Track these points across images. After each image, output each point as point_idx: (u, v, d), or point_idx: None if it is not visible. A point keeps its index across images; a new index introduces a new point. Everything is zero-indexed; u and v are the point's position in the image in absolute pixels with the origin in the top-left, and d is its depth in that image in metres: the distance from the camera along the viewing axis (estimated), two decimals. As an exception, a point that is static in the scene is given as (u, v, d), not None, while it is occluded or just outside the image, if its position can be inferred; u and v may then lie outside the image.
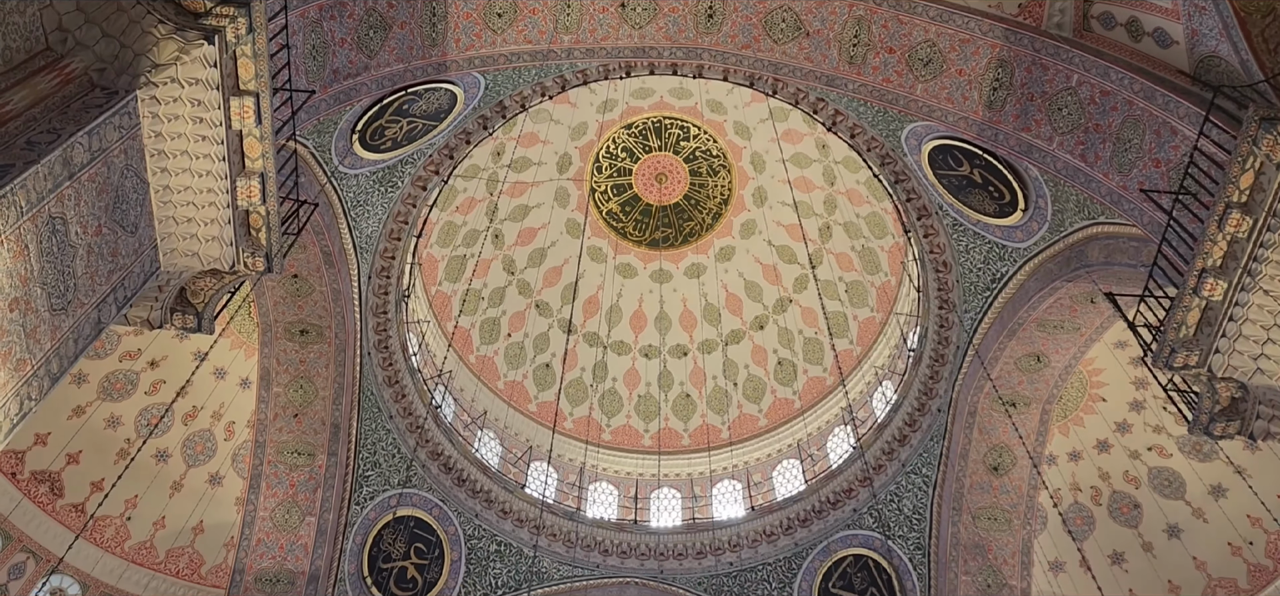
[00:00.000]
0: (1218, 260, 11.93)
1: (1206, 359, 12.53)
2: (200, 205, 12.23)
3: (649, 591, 24.02)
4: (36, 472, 20.58)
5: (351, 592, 21.57)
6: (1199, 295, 12.13)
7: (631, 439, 29.39)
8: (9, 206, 9.31)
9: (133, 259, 11.74)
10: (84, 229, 10.62)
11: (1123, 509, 22.61)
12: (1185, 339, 12.58)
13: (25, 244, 9.66)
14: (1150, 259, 14.01)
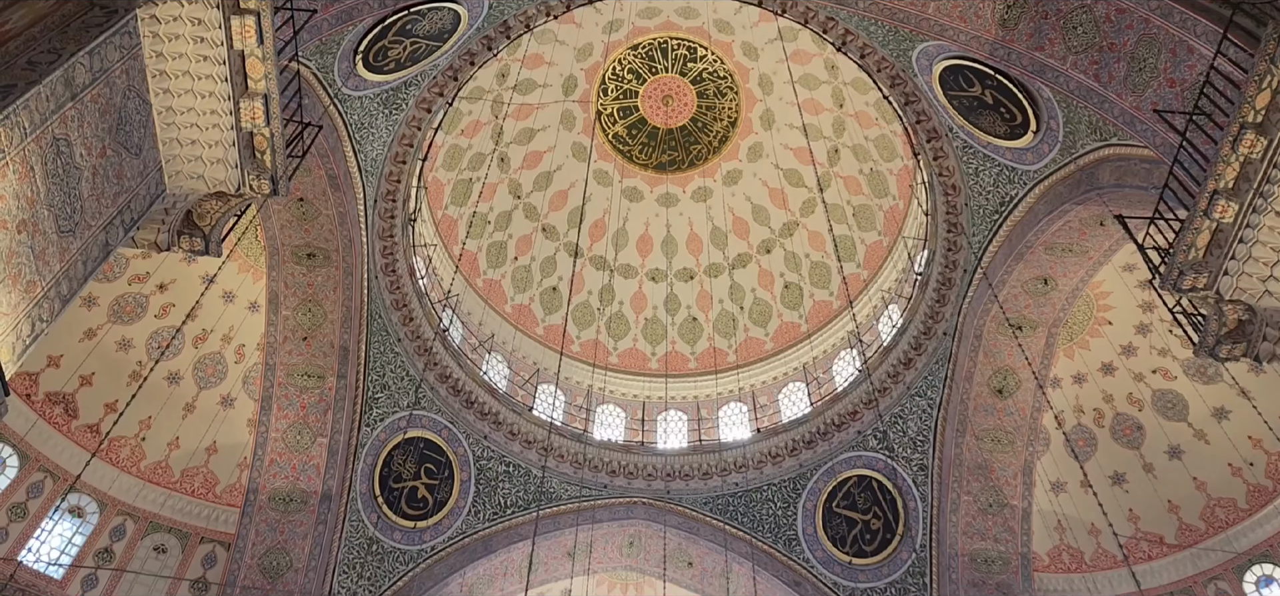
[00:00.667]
0: (1230, 182, 11.80)
1: (1215, 281, 12.48)
2: (204, 127, 12.15)
3: (656, 511, 24.42)
4: (51, 394, 20.87)
5: (364, 512, 21.98)
6: (1210, 217, 12.03)
7: (638, 362, 29.58)
8: (13, 127, 9.27)
9: (138, 181, 11.71)
10: (88, 150, 10.58)
11: (1125, 430, 22.79)
12: (1194, 261, 12.51)
13: (30, 165, 9.64)
14: (1162, 181, 13.86)
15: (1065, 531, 22.87)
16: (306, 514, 21.18)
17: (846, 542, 23.03)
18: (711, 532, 23.93)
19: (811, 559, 23.14)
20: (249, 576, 20.49)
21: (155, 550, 21.09)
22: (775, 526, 23.70)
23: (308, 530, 21.02)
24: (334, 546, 21.24)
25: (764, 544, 23.50)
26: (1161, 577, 21.74)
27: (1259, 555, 20.88)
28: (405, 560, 22.18)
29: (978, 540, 21.70)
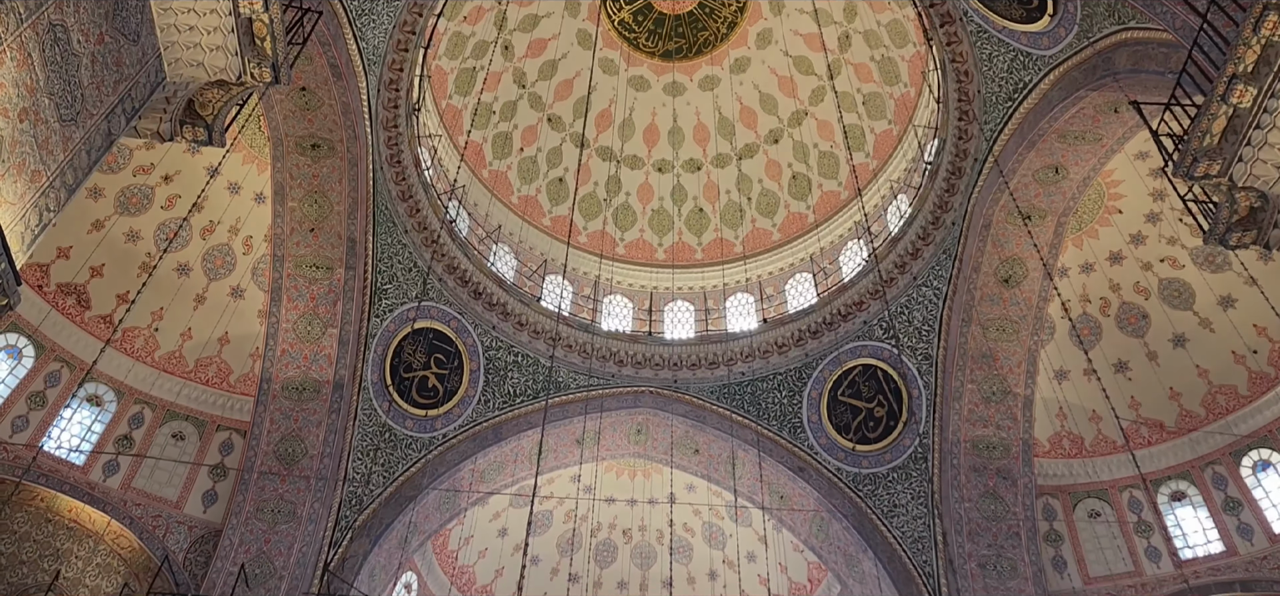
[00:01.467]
0: (1250, 65, 11.54)
1: (1228, 168, 12.34)
2: (201, 12, 11.92)
3: (663, 400, 24.79)
4: (62, 285, 21.03)
5: (376, 400, 22.35)
6: (1227, 102, 11.81)
7: (645, 253, 29.61)
8: (7, 13, 9.10)
9: (137, 69, 11.55)
10: (86, 37, 10.41)
11: (1130, 319, 22.87)
12: (1208, 148, 12.34)
13: (28, 52, 9.50)
14: (1179, 65, 13.57)
15: (1066, 418, 23.17)
16: (319, 402, 21.55)
17: (850, 430, 23.42)
18: (718, 421, 24.33)
19: (816, 446, 23.57)
20: (265, 462, 20.98)
21: (174, 437, 21.56)
22: (780, 414, 24.07)
23: (321, 418, 21.42)
24: (347, 434, 21.67)
25: (769, 431, 23.91)
26: (1160, 462, 22.11)
27: (1257, 440, 21.18)
28: (417, 447, 22.65)
29: (980, 427, 22.03)
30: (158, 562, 19.80)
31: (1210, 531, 21.20)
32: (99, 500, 20.01)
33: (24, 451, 19.27)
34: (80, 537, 20.27)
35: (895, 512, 22.38)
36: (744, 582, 28.39)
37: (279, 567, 19.84)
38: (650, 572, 29.97)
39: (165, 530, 20.32)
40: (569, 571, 29.34)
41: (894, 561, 21.88)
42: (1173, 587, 20.82)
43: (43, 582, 19.80)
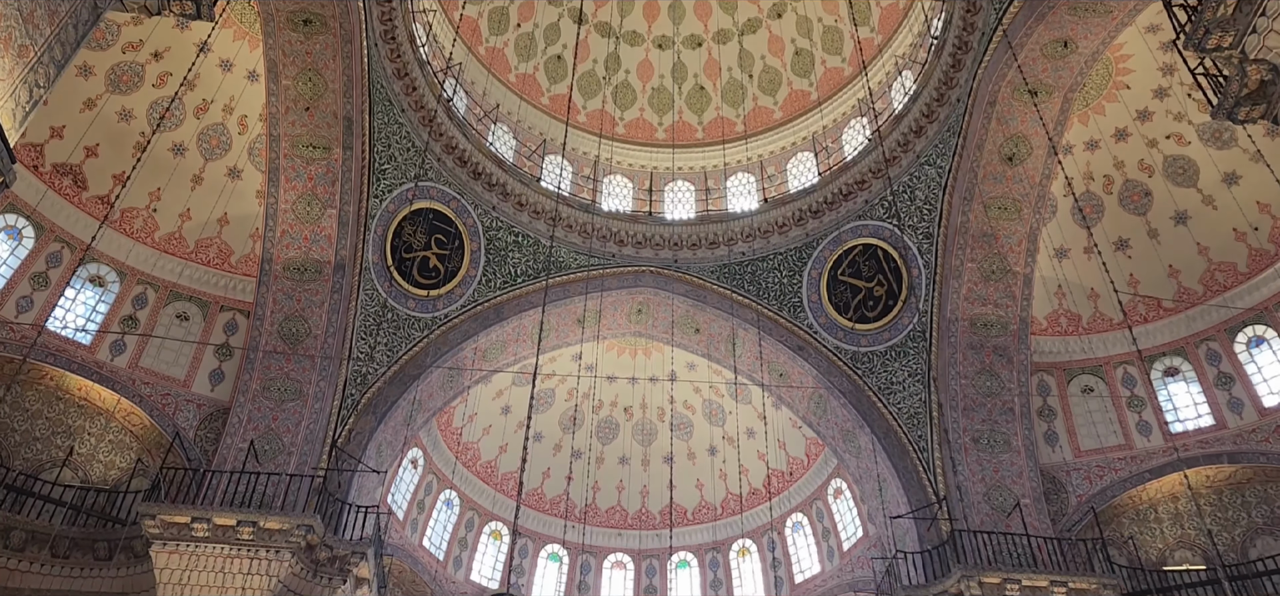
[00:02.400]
0: (1270, -70, 11.17)
1: (1241, 39, 12.08)
2: (184, -123, 11.48)
3: (663, 280, 24.87)
4: (57, 165, 20.87)
5: (377, 281, 22.44)
6: (1244, -31, 11.48)
7: (645, 132, 29.27)
8: (-19, -124, 8.77)
9: (121, -62, 11.19)
10: (65, -97, 10.05)
11: (1133, 196, 22.75)
12: (1222, 18, 12.06)
13: (6, -81, 9.19)
14: (1197, -69, 13.12)
15: (1065, 296, 23.31)
16: (321, 283, 21.63)
17: (849, 309, 23.57)
18: (718, 300, 24.47)
19: (815, 324, 23.76)
20: (270, 341, 21.19)
21: (178, 317, 21.73)
22: (780, 294, 24.19)
23: (324, 298, 21.54)
24: (350, 313, 21.82)
25: (769, 311, 24.07)
26: (1155, 339, 22.34)
27: (1253, 317, 21.35)
28: (420, 327, 22.85)
29: (978, 305, 22.17)
30: (169, 439, 20.21)
31: (1201, 405, 21.57)
32: (107, 379, 20.30)
33: (30, 331, 19.45)
34: (91, 415, 20.65)
35: (892, 390, 22.72)
36: (743, 458, 29.03)
37: (288, 444, 20.26)
38: (651, 448, 30.63)
39: (175, 408, 20.67)
40: (571, 447, 29.99)
41: (890, 436, 22.32)
42: (1161, 459, 21.31)
43: (57, 458, 20.26)
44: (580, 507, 29.83)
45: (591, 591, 29.75)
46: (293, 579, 18.33)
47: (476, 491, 29.36)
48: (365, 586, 19.62)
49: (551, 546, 29.89)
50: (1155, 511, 21.84)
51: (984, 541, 19.77)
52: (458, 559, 28.53)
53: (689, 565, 30.33)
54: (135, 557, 18.63)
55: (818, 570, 28.12)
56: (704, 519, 30.52)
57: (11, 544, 18.25)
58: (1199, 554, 21.30)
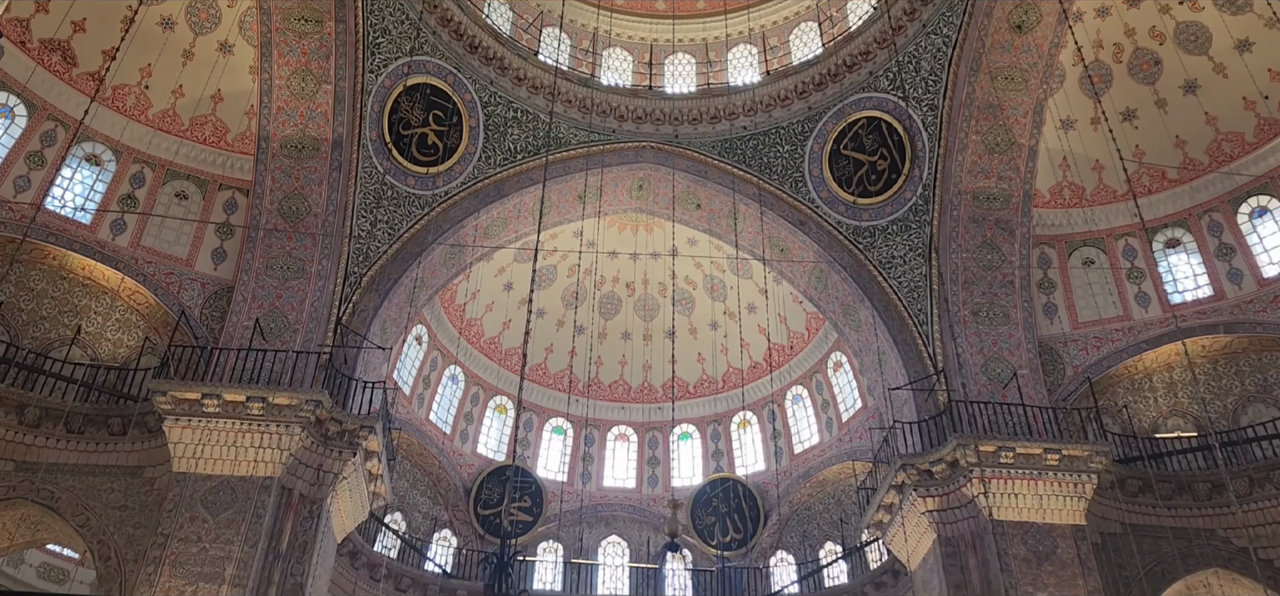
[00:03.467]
0: None
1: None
2: None
3: (664, 155, 24.63)
4: (45, 41, 20.43)
5: (376, 158, 22.23)
6: None
7: (645, 2, 28.50)
8: None
9: None
10: None
11: (1143, 66, 22.31)
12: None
13: None
14: None
15: (1069, 168, 23.12)
16: (319, 160, 21.43)
17: (852, 183, 23.42)
18: (719, 175, 24.29)
19: (817, 199, 23.65)
20: (270, 220, 21.14)
21: (176, 196, 21.63)
22: (782, 168, 24.00)
23: (322, 176, 21.38)
24: (350, 191, 21.69)
25: (771, 185, 23.92)
26: (1158, 210, 22.27)
27: (1258, 187, 21.23)
28: (420, 204, 22.75)
29: (981, 178, 22.01)
30: (175, 317, 20.37)
31: (1200, 276, 21.67)
32: (110, 257, 20.34)
33: (28, 209, 19.39)
34: (96, 294, 20.78)
35: (893, 264, 22.77)
36: (744, 332, 29.31)
37: (293, 321, 20.43)
38: (653, 323, 30.89)
39: (179, 286, 20.78)
40: (574, 323, 30.26)
41: (890, 310, 22.48)
42: (1158, 330, 21.53)
43: (65, 337, 20.48)
44: (584, 382, 30.29)
45: (596, 462, 30.49)
46: (304, 452, 18.76)
47: (481, 367, 29.78)
48: (375, 459, 20.09)
49: (556, 419, 30.49)
50: (1150, 381, 22.19)
51: (980, 411, 20.14)
52: (464, 432, 29.15)
53: (691, 436, 30.99)
54: (149, 433, 19.02)
55: (817, 441, 28.74)
56: (705, 392, 31.03)
57: (27, 420, 18.61)
58: (1191, 421, 21.74)
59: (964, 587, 19.02)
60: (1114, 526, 19.69)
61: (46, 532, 19.65)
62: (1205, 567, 19.41)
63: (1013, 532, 18.90)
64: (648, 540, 28.95)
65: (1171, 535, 19.56)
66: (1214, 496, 19.81)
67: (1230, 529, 19.54)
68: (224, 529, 17.67)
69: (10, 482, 18.31)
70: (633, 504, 29.87)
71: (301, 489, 18.75)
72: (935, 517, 19.71)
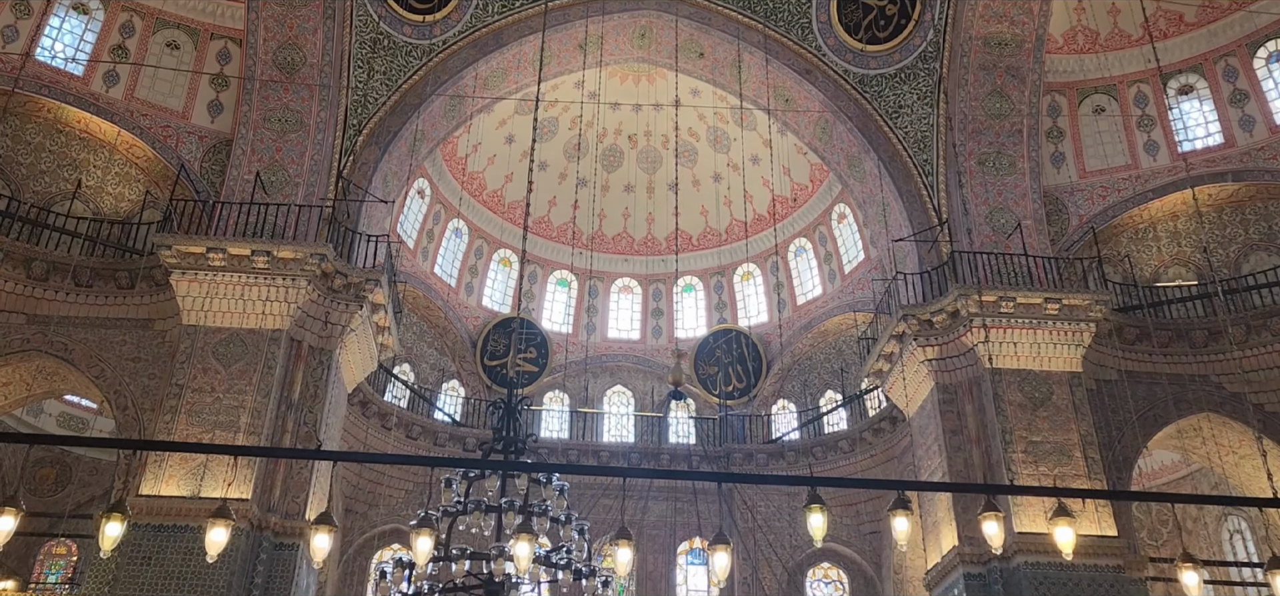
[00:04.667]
0: None
1: None
2: None
3: (667, 1, 23.89)
4: (22, -117, 19.59)
5: (370, 5, 21.60)
6: None
7: None
8: None
9: None
10: None
11: (1168, -99, 21.39)
12: None
13: None
14: None
15: (1084, 11, 22.43)
16: (312, 8, 20.79)
17: (859, 29, 22.78)
18: (723, 22, 23.62)
19: (823, 46, 23.07)
20: (266, 70, 20.71)
21: (168, 46, 21.13)
22: (788, 15, 23.31)
23: (316, 24, 20.80)
24: (345, 40, 21.16)
25: (776, 33, 23.29)
26: (1174, 55, 21.73)
27: (1276, 30, 20.65)
28: (418, 54, 22.24)
29: (994, 23, 21.37)
30: (175, 171, 20.24)
31: (1212, 124, 21.35)
32: (105, 110, 20.05)
33: (17, 60, 19.00)
34: (94, 148, 20.59)
35: (899, 113, 22.39)
36: (748, 184, 29.13)
37: (293, 175, 20.28)
38: (656, 176, 30.65)
39: (176, 140, 20.55)
40: (576, 175, 30.05)
41: (895, 161, 22.24)
42: (1166, 179, 21.35)
43: (66, 191, 20.41)
44: (587, 234, 30.32)
45: (600, 314, 30.84)
46: (311, 305, 18.95)
47: (484, 220, 29.77)
48: (381, 311, 20.31)
49: (560, 272, 30.67)
50: (1154, 230, 22.16)
51: (983, 262, 20.17)
52: (469, 285, 29.38)
53: (694, 288, 31.24)
54: (156, 286, 19.17)
55: (819, 292, 28.97)
56: (709, 244, 31.09)
57: (34, 274, 18.74)
58: (1192, 270, 21.83)
59: (959, 432, 19.50)
60: (1110, 373, 20.02)
61: (63, 383, 20.08)
62: (1197, 412, 19.83)
63: (1009, 379, 19.25)
64: (652, 390, 29.57)
65: (1166, 381, 19.91)
66: (1210, 343, 20.07)
67: (1224, 375, 19.86)
68: (236, 379, 18.03)
69: (24, 335, 18.59)
70: (637, 354, 30.37)
71: (310, 341, 19.04)
72: (934, 366, 20.03)
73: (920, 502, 19.97)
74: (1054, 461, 18.27)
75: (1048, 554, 17.16)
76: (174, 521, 16.47)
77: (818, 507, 5.86)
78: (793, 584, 27.00)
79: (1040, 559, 17.32)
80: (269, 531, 17.24)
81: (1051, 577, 17.30)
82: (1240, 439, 19.91)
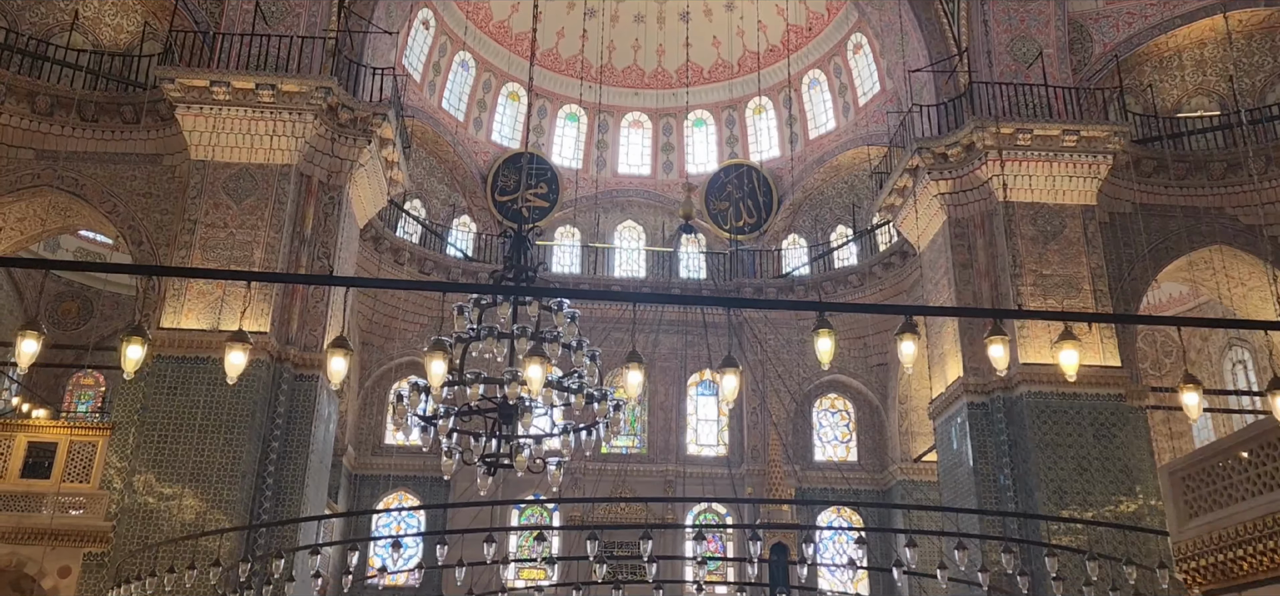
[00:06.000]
0: None
1: None
2: None
3: None
4: None
5: None
6: None
7: None
8: None
9: None
10: None
11: None
12: None
13: None
14: None
15: None
16: None
17: None
18: None
19: None
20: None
21: None
22: None
23: None
24: None
25: None
26: None
27: None
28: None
29: None
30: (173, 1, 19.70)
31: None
32: (95, -65, 19.36)
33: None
34: (88, -24, 20.01)
35: (922, -66, 21.41)
36: (761, 13, 28.19)
37: (294, 4, 19.69)
38: (667, 4, 29.50)
39: (172, -33, 19.91)
40: (584, 5, 29.11)
41: (914, -16, 21.42)
42: (1196, 4, 20.52)
43: (64, 22, 19.96)
44: (596, 67, 29.63)
45: (610, 149, 30.52)
46: (318, 140, 18.79)
47: (491, 52, 29.10)
48: (390, 146, 20.13)
49: (569, 106, 30.18)
50: (1178, 58, 21.50)
51: (1000, 92, 19.70)
52: (477, 120, 29.01)
53: (705, 123, 30.78)
54: (162, 120, 18.98)
55: (832, 126, 28.51)
56: (720, 77, 30.42)
57: (39, 108, 18.55)
58: (1215, 100, 21.30)
59: (969, 266, 19.53)
60: (1124, 206, 19.84)
61: (77, 218, 20.19)
62: (1209, 245, 19.75)
63: (1022, 213, 19.13)
64: (662, 225, 29.57)
65: (1181, 213, 19.74)
66: (1228, 175, 19.79)
67: (1240, 207, 19.67)
68: (248, 215, 18.09)
69: (33, 170, 18.58)
70: (647, 189, 30.24)
71: (319, 176, 18.98)
72: (947, 200, 19.88)
73: (928, 335, 20.22)
74: (1062, 293, 18.35)
75: (1050, 383, 17.50)
76: (196, 354, 16.88)
77: (826, 331, 5.92)
78: (800, 414, 27.72)
79: (1043, 388, 17.66)
80: (289, 363, 17.68)
81: (1053, 406, 17.68)
82: (1250, 271, 19.89)
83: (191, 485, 16.36)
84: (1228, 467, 7.62)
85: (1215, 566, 7.62)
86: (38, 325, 5.59)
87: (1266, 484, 7.25)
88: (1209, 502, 7.84)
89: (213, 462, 16.46)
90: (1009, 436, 17.97)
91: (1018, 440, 17.82)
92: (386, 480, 26.00)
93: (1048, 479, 17.24)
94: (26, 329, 5.55)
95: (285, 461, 17.30)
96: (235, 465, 16.53)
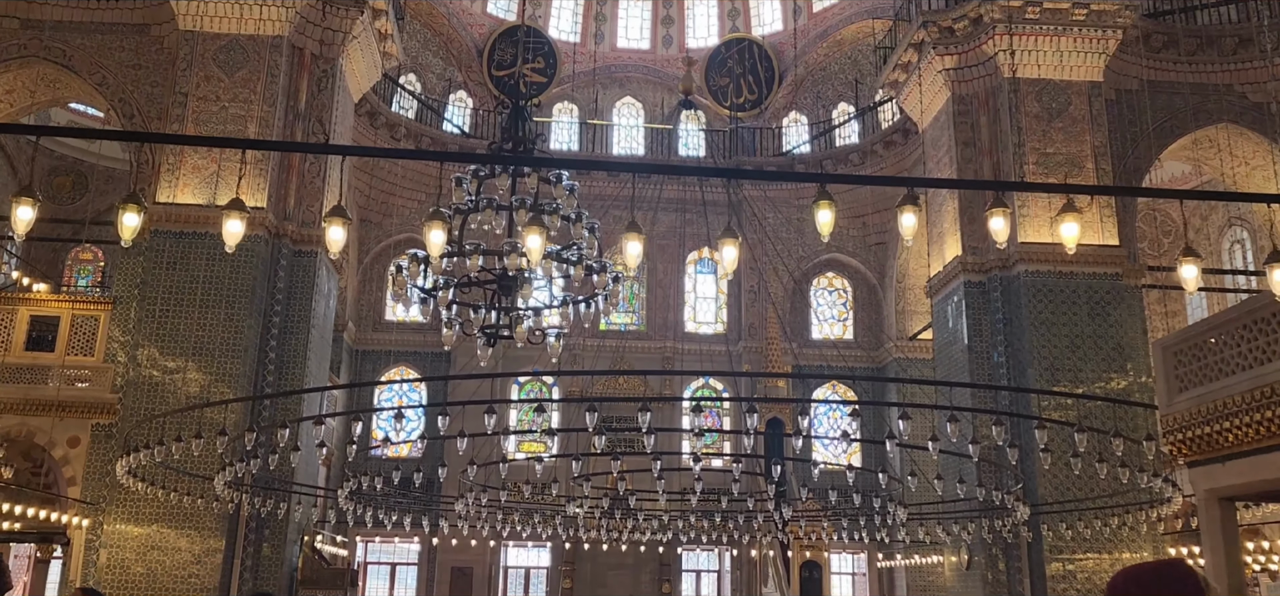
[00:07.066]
0: None
1: None
2: None
3: None
4: None
5: None
6: None
7: None
8: None
9: None
10: None
11: None
12: None
13: None
14: None
15: None
16: None
17: None
18: None
19: None
20: None
21: None
22: None
23: None
24: None
25: None
26: None
27: None
28: None
29: None
30: None
31: None
32: None
33: None
34: None
35: None
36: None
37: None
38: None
39: None
40: None
41: None
42: None
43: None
44: (594, -65, 28.71)
45: (609, 22, 29.79)
46: (308, 10, 18.35)
47: (485, -81, 28.13)
48: (382, 17, 19.65)
49: (567, -23, 29.35)
50: (1196, -73, 20.77)
51: (1011, -38, 19.11)
52: (472, -10, 28.23)
53: (706, -4, 29.99)
54: (149, -11, 18.49)
55: (837, -2, 27.80)
56: (722, -54, 29.50)
57: (21, -25, 18.04)
58: (1232, -31, 20.68)
59: (972, 143, 19.33)
60: (1132, 82, 19.50)
61: (67, 91, 19.86)
62: (1215, 123, 19.49)
63: (1027, 90, 18.83)
64: (662, 101, 29.11)
65: (1188, 90, 19.42)
66: (1239, 50, 19.39)
67: (1249, 84, 19.33)
68: (240, 88, 17.80)
69: (20, 40, 18.20)
70: (647, 64, 29.66)
71: (312, 48, 18.60)
72: (951, 75, 19.54)
73: (928, 213, 20.15)
74: (1065, 171, 18.21)
75: (1048, 262, 17.54)
76: (193, 228, 16.85)
77: (826, 203, 5.86)
78: (798, 292, 27.87)
79: (1040, 267, 17.71)
80: (287, 239, 17.65)
81: (1050, 285, 17.76)
82: (1255, 149, 19.71)
83: (195, 358, 16.56)
84: (1219, 342, 7.69)
85: (1202, 437, 7.75)
86: (32, 191, 5.53)
87: (1257, 358, 7.33)
88: (1199, 376, 7.93)
89: (215, 337, 16.62)
90: (1005, 314, 18.11)
91: (1013, 318, 17.97)
92: (387, 355, 26.31)
93: (1041, 356, 17.45)
94: (21, 195, 5.50)
95: (287, 336, 17.47)
96: (237, 339, 16.69)
